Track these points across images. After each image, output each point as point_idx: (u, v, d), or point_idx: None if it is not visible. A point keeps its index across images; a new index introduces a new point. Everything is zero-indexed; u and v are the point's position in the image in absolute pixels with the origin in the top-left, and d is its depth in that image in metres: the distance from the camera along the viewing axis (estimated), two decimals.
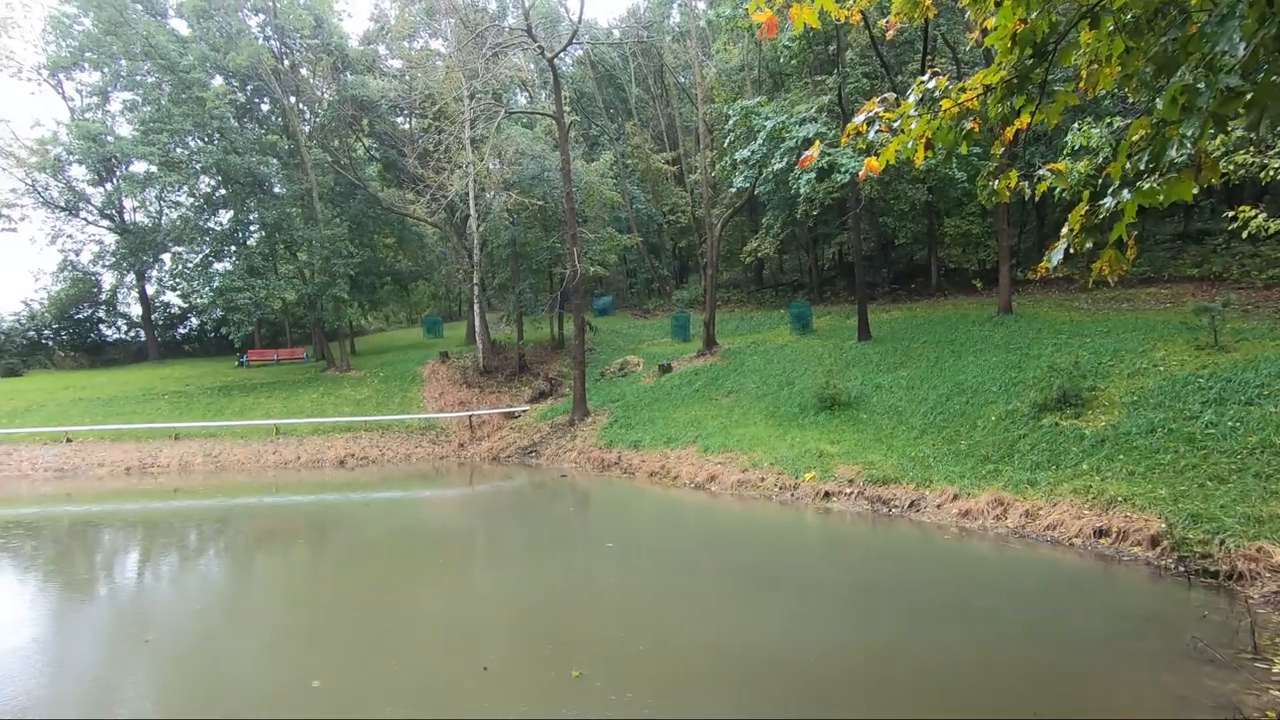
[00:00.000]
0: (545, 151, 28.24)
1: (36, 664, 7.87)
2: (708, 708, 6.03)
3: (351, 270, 30.72)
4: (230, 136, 28.27)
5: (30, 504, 18.63)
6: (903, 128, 3.64)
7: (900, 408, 16.17)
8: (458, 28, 29.16)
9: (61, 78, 35.54)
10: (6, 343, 37.83)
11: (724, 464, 16.21)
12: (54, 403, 27.20)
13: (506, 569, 11.37)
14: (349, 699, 6.39)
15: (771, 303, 34.08)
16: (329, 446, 23.48)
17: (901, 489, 12.84)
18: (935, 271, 28.25)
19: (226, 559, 13.21)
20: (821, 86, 22.81)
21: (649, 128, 42.50)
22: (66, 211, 35.72)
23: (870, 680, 6.52)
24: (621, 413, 21.90)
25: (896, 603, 8.39)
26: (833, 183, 21.31)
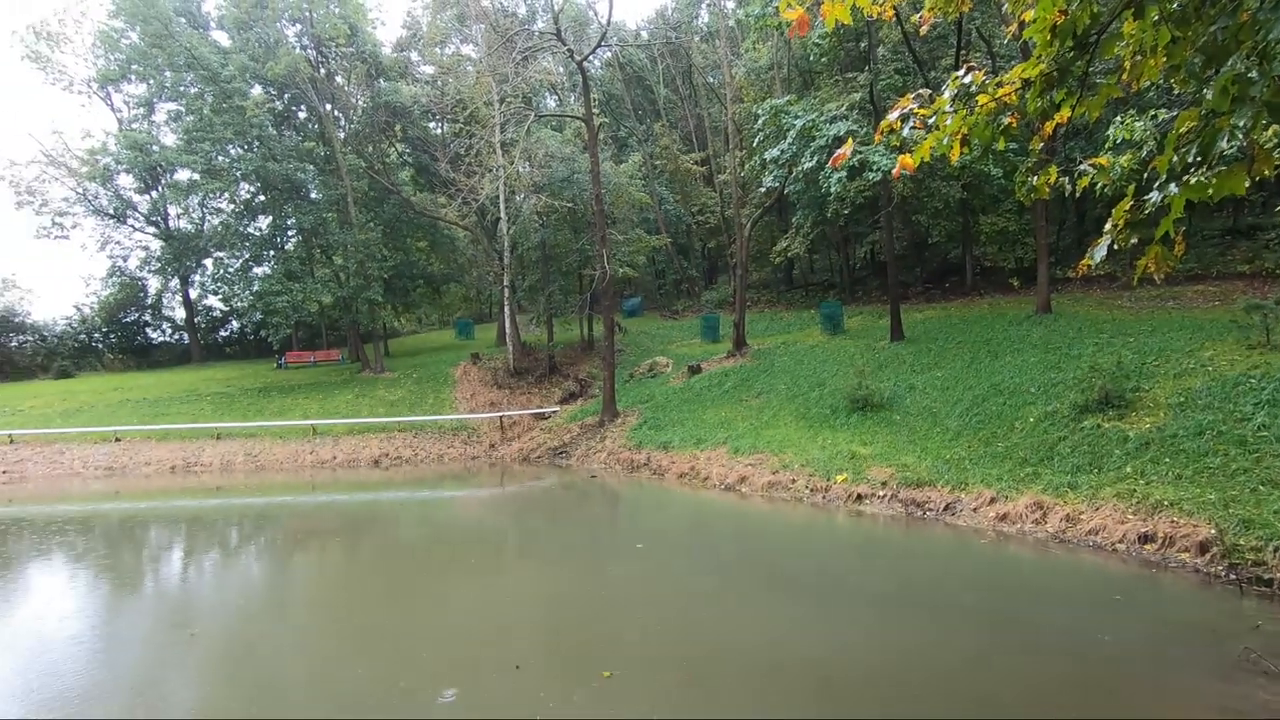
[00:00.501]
0: (574, 154, 28.40)
1: (87, 654, 8.16)
2: (738, 710, 5.99)
3: (385, 273, 31.28)
4: (269, 144, 28.99)
5: (82, 501, 19.34)
6: (938, 124, 3.58)
7: (935, 409, 15.89)
8: (488, 33, 29.50)
9: (110, 90, 36.87)
10: (60, 345, 39.32)
11: (754, 465, 16.10)
12: (103, 403, 28.17)
13: (537, 569, 11.45)
14: (385, 694, 6.50)
15: (802, 303, 33.75)
16: (364, 446, 23.91)
17: (936, 492, 12.61)
18: (970, 270, 27.70)
19: (267, 556, 13.54)
20: (852, 84, 22.54)
21: (677, 128, 42.47)
22: (115, 219, 37.04)
23: (903, 687, 6.42)
24: (651, 414, 21.90)
25: (930, 608, 8.24)
26: (864, 181, 21.04)
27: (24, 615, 9.91)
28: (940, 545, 11.07)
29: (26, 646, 8.40)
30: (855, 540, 12.06)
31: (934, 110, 3.59)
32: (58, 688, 6.99)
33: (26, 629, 9.09)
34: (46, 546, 14.01)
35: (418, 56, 35.46)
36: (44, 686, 6.99)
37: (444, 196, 33.38)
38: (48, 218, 35.40)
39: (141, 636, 8.85)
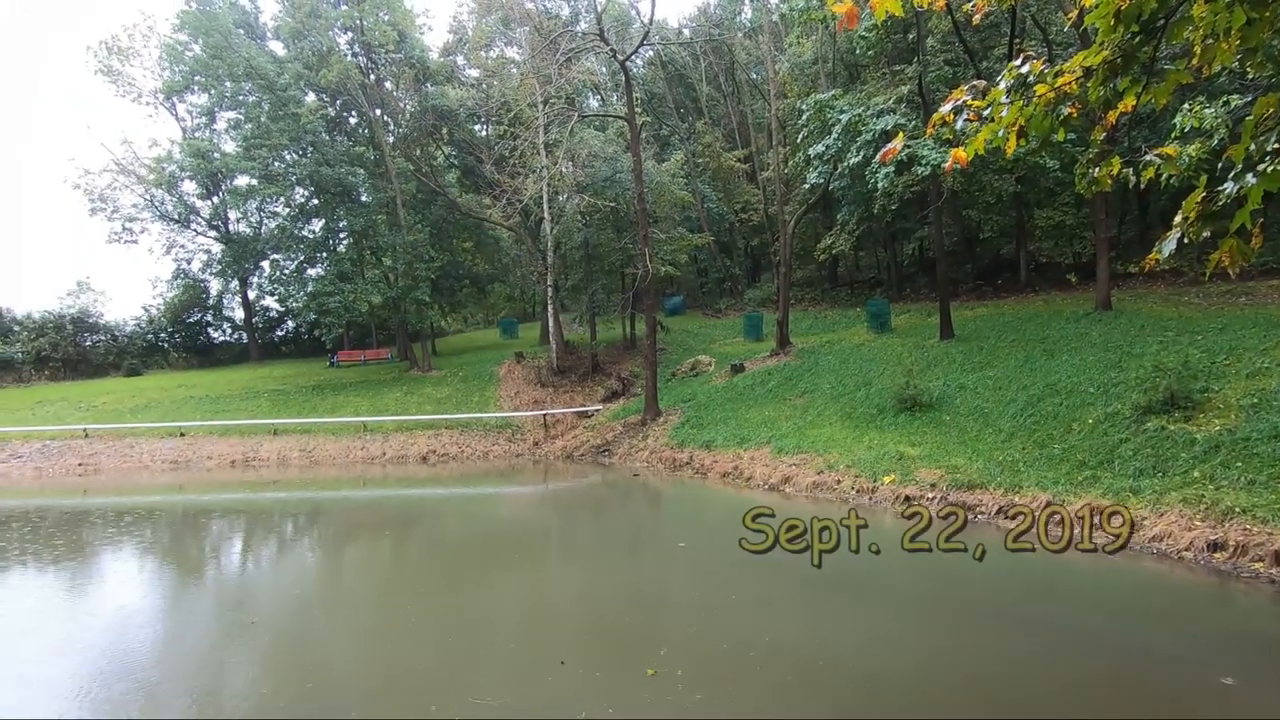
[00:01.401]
0: (617, 153, 28.50)
1: (152, 640, 8.58)
2: (786, 710, 5.93)
3: (432, 274, 31.94)
4: (322, 149, 29.92)
5: (149, 493, 20.31)
6: (993, 116, 3.47)
7: (986, 409, 15.43)
8: (532, 35, 29.83)
9: (175, 101, 38.54)
10: (129, 345, 41.31)
11: (798, 466, 15.91)
12: (169, 400, 29.52)
13: (581, 566, 11.55)
14: (435, 684, 6.65)
15: (847, 301, 33.18)
16: (412, 443, 24.48)
17: (988, 494, 12.25)
18: (1024, 266, 26.81)
19: (321, 548, 13.99)
20: (900, 76, 22.03)
21: (720, 126, 42.21)
22: (179, 224, 38.74)
23: (948, 694, 6.25)
24: (693, 413, 21.84)
25: (980, 614, 8.01)
26: (913, 176, 20.56)
27: (96, 599, 10.48)
28: (992, 551, 10.72)
29: (98, 626, 8.87)
30: (902, 543, 11.78)
31: (989, 102, 3.48)
32: (126, 668, 7.37)
33: (99, 612, 9.61)
34: (118, 536, 14.77)
35: (463, 60, 36.08)
36: (113, 668, 7.37)
37: (489, 198, 33.91)
38: (118, 223, 37.24)
39: (205, 623, 9.26)
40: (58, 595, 10.75)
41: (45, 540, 13.88)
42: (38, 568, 11.96)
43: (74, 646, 8.10)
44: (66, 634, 8.61)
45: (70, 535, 14.52)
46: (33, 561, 12.29)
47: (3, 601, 10.49)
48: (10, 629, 8.98)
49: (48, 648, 8.09)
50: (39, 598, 10.63)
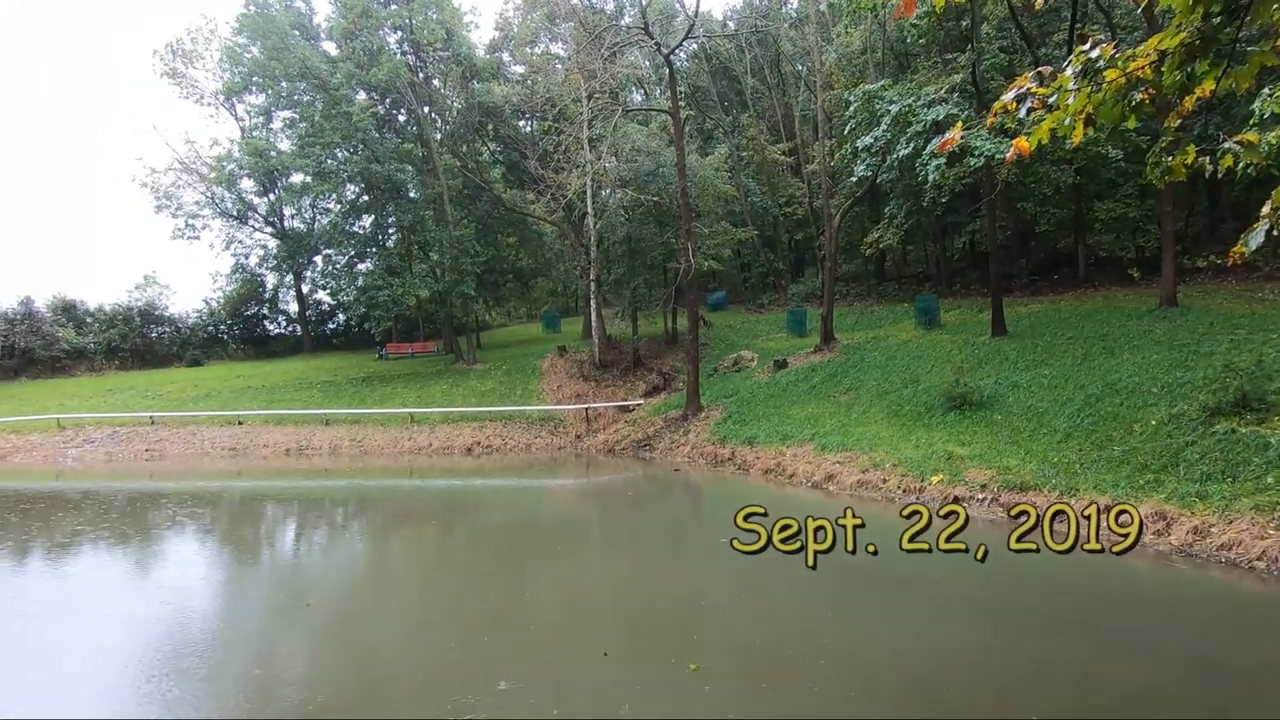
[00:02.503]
0: (660, 148, 28.43)
1: (212, 618, 8.97)
2: (830, 709, 5.86)
3: (478, 268, 32.45)
4: (372, 147, 30.63)
5: (209, 478, 21.21)
6: (1059, 103, 3.33)
7: (1041, 409, 14.91)
8: (577, 30, 29.94)
9: (234, 101, 39.97)
10: (192, 336, 43.14)
11: (842, 463, 15.66)
12: (228, 390, 30.74)
13: (623, 559, 11.61)
14: (481, 669, 6.78)
15: (894, 296, 32.45)
16: (458, 434, 24.96)
17: (1042, 497, 11.85)
18: (1083, 260, 25.77)
19: (370, 535, 14.40)
20: (952, 65, 21.37)
21: (764, 119, 41.67)
22: (238, 220, 40.24)
23: (995, 700, 6.08)
24: (735, 408, 21.70)
25: (1032, 619, 7.77)
26: (965, 167, 19.95)
27: (161, 578, 11.01)
28: (1046, 555, 10.38)
29: (162, 601, 9.31)
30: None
31: (1054, 88, 3.34)
32: (188, 646, 7.71)
33: (163, 591, 10.08)
34: (181, 518, 15.47)
35: (509, 57, 36.46)
36: (175, 645, 7.73)
37: (533, 193, 34.24)
38: (182, 220, 38.92)
39: (264, 603, 9.64)
40: (127, 573, 11.32)
41: (115, 521, 14.63)
42: (108, 547, 12.62)
43: (142, 622, 8.53)
44: (135, 609, 9.07)
45: (138, 517, 15.28)
46: (104, 541, 12.97)
47: (78, 578, 11.11)
48: (84, 604, 9.50)
49: (119, 622, 8.53)
50: (110, 575, 11.22)
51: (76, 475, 22.04)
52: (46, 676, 6.99)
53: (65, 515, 15.36)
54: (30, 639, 8.12)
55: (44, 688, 6.74)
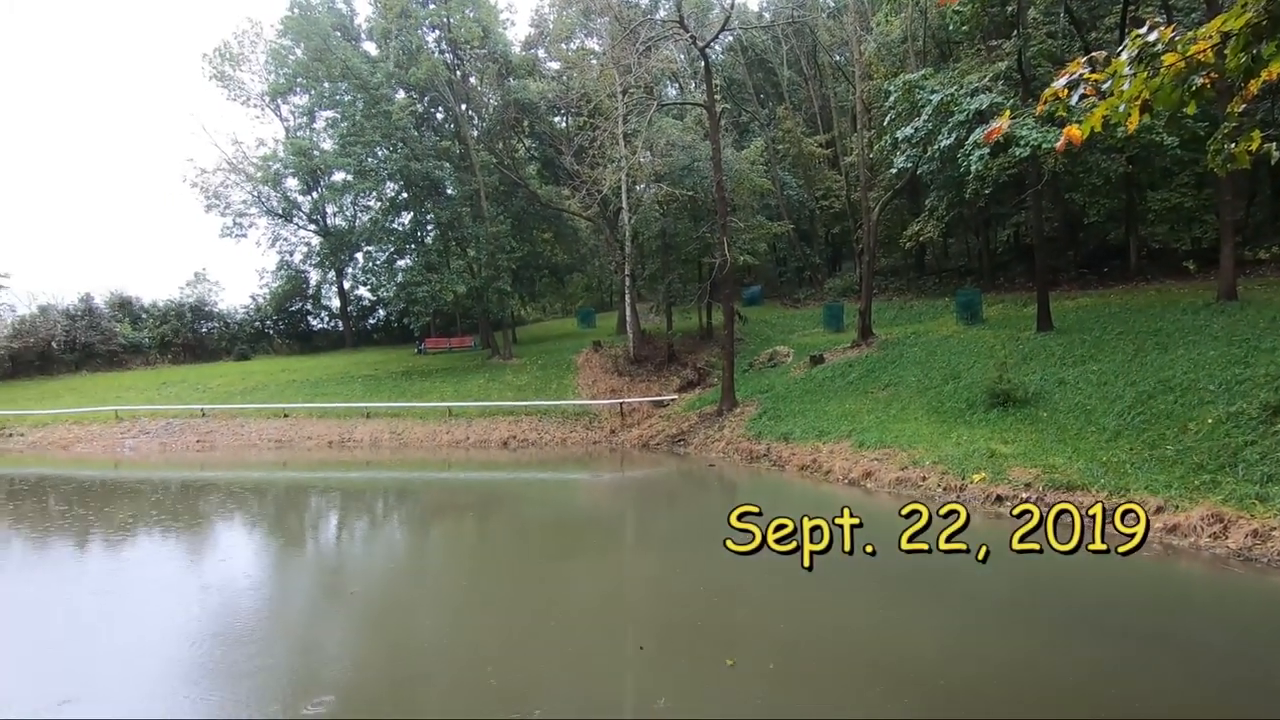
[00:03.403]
0: (695, 142, 28.29)
1: (260, 604, 9.27)
2: (863, 709, 5.80)
3: (514, 264, 32.77)
4: (411, 145, 31.13)
5: (257, 469, 21.89)
6: (1113, 89, 3.21)
7: (1089, 406, 14.45)
8: (612, 25, 29.94)
9: (279, 102, 41.04)
10: (239, 331, 44.55)
11: (881, 460, 15.42)
12: (274, 383, 31.66)
13: (657, 554, 11.64)
14: (517, 659, 6.88)
15: (934, 290, 31.76)
16: (494, 428, 25.29)
17: (1090, 497, 11.49)
18: (1134, 252, 24.85)
19: (410, 526, 14.71)
20: (997, 52, 20.80)
21: (801, 111, 41.10)
22: (283, 218, 41.36)
23: (1035, 708, 5.93)
24: (770, 404, 21.53)
25: (1077, 623, 7.55)
26: (1009, 158, 19.38)
27: (211, 563, 11.42)
28: (1092, 556, 10.09)
29: (210, 590, 9.66)
30: (992, 543, 11.25)
31: (1109, 74, 3.22)
32: (238, 631, 7.99)
33: (212, 577, 10.46)
34: (230, 508, 16.02)
35: (544, 53, 36.65)
36: (226, 630, 8.01)
37: (568, 189, 34.41)
38: (230, 218, 40.17)
39: (309, 590, 9.93)
40: (180, 558, 11.78)
41: (169, 510, 15.23)
42: (163, 533, 13.14)
43: (193, 603, 8.86)
44: (187, 592, 9.43)
45: (190, 506, 15.87)
46: (158, 529, 13.50)
47: (135, 562, 11.61)
48: (140, 586, 9.92)
49: (170, 606, 8.87)
50: (165, 559, 11.69)
51: (133, 465, 22.98)
52: (108, 651, 7.32)
53: (124, 502, 16.04)
54: (93, 617, 8.51)
55: (105, 660, 7.06)
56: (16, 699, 6.30)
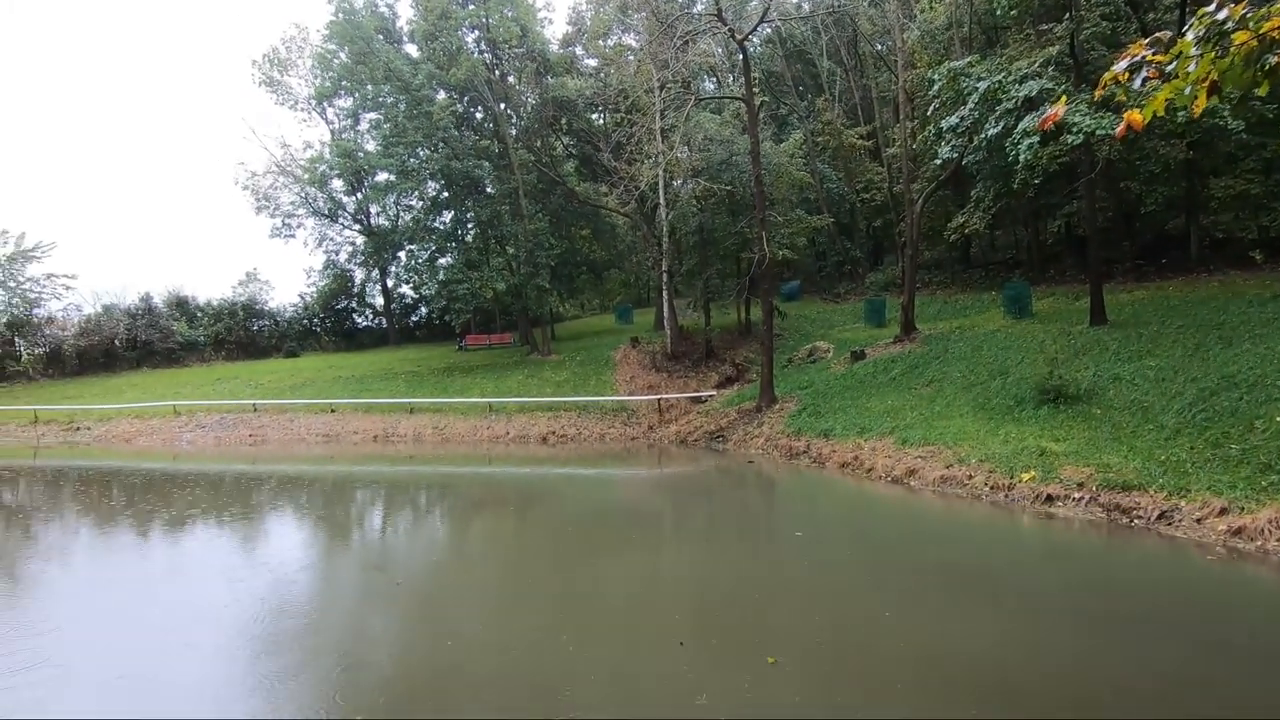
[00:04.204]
0: (733, 136, 28.05)
1: (308, 594, 9.55)
2: (909, 710, 5.69)
3: (552, 261, 33.04)
4: (451, 144, 31.61)
5: (305, 463, 22.55)
6: (1178, 71, 3.06)
7: (1146, 403, 13.89)
8: (649, 20, 29.85)
9: (325, 105, 42.14)
10: (289, 329, 45.96)
11: (925, 458, 15.09)
12: (321, 379, 32.58)
13: (696, 550, 11.62)
14: (557, 652, 6.95)
15: (980, 284, 30.92)
16: (533, 424, 25.56)
17: (1147, 497, 11.05)
18: (1196, 242, 23.77)
19: (452, 519, 14.97)
20: (1047, 36, 20.08)
21: (841, 102, 40.37)
22: (329, 218, 42.48)
23: (1083, 707, 5.72)
24: (810, 400, 21.26)
25: (1135, 627, 7.26)
26: (1060, 146, 18.72)
27: (263, 552, 11.82)
28: (1151, 558, 9.72)
29: (261, 577, 9.99)
30: (1043, 545, 10.93)
31: (1173, 55, 3.07)
32: (287, 621, 8.25)
33: (262, 566, 10.82)
34: (280, 500, 16.55)
35: (582, 50, 36.77)
36: (274, 619, 8.27)
37: (605, 185, 34.48)
38: (279, 219, 41.44)
39: (355, 581, 10.19)
40: (233, 547, 12.22)
41: (224, 500, 15.81)
42: (217, 523, 13.65)
43: (246, 590, 9.18)
44: (240, 578, 9.77)
45: (243, 496, 16.45)
46: (214, 519, 14.03)
47: (192, 550, 12.09)
48: (196, 573, 10.32)
49: (226, 589, 9.21)
50: (219, 548, 12.14)
51: (190, 458, 23.91)
52: (164, 634, 7.64)
53: (182, 494, 16.72)
54: (151, 602, 8.89)
55: (161, 645, 7.36)
56: (83, 670, 6.62)
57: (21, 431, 29.88)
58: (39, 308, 39.63)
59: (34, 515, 15.35)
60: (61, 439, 28.49)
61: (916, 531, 12.13)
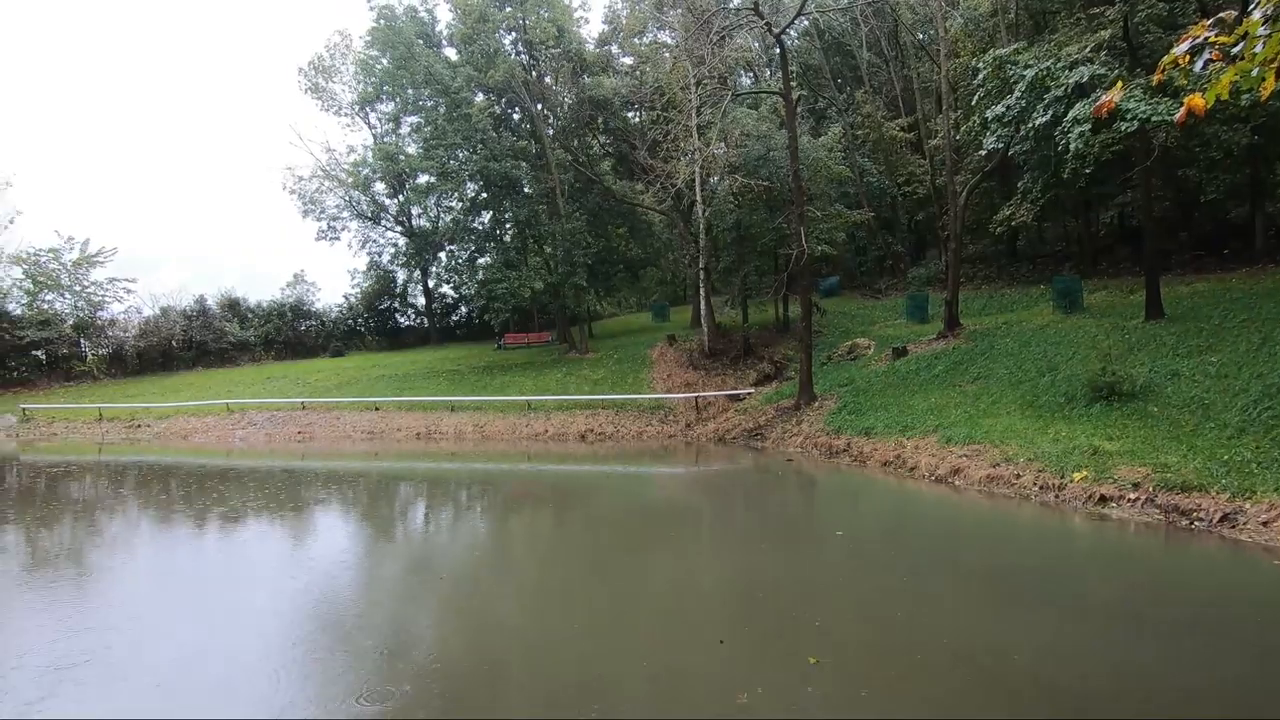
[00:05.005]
0: (770, 131, 27.76)
1: (354, 586, 9.81)
2: (950, 715, 5.56)
3: (589, 260, 33.21)
4: (490, 146, 32.01)
5: (351, 459, 23.15)
6: (1244, 52, 2.92)
7: (1207, 400, 13.32)
8: (685, 17, 29.73)
9: (368, 110, 43.12)
10: (334, 329, 47.17)
11: (970, 457, 14.72)
12: (366, 378, 33.37)
13: (735, 548, 11.56)
14: (597, 648, 6.99)
15: (1028, 277, 30.00)
16: (571, 421, 25.76)
17: (1209, 498, 10.59)
18: (1261, 232, 22.65)
19: (493, 515, 15.19)
20: (1099, 20, 19.33)
21: (881, 94, 39.58)
22: (372, 220, 43.50)
23: (1135, 711, 5.50)
24: (850, 398, 20.94)
25: (1197, 633, 6.96)
26: (1113, 133, 18.00)
27: (311, 546, 12.18)
28: (1212, 562, 9.33)
29: (309, 568, 10.29)
30: (1098, 547, 10.58)
31: (1238, 36, 2.93)
32: (333, 612, 8.48)
33: (311, 559, 11.15)
34: (327, 495, 17.01)
35: (617, 49, 36.82)
36: (321, 611, 8.52)
37: (642, 183, 34.49)
38: (325, 222, 42.60)
39: (400, 575, 10.43)
40: (283, 540, 12.63)
41: (273, 495, 16.33)
42: (269, 518, 14.11)
43: (292, 583, 9.48)
44: (287, 572, 10.09)
45: (292, 492, 16.96)
46: (265, 512, 14.51)
47: (244, 543, 12.53)
48: (247, 565, 10.69)
49: (273, 583, 9.52)
50: (270, 541, 12.56)
51: (243, 454, 24.76)
52: (217, 621, 7.93)
53: (235, 488, 17.34)
54: (205, 593, 9.24)
55: (213, 631, 7.65)
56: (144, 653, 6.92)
57: (88, 428, 31.34)
58: (102, 310, 41.50)
59: (98, 508, 16.10)
60: (124, 436, 29.80)
61: (962, 531, 11.86)
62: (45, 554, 11.90)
